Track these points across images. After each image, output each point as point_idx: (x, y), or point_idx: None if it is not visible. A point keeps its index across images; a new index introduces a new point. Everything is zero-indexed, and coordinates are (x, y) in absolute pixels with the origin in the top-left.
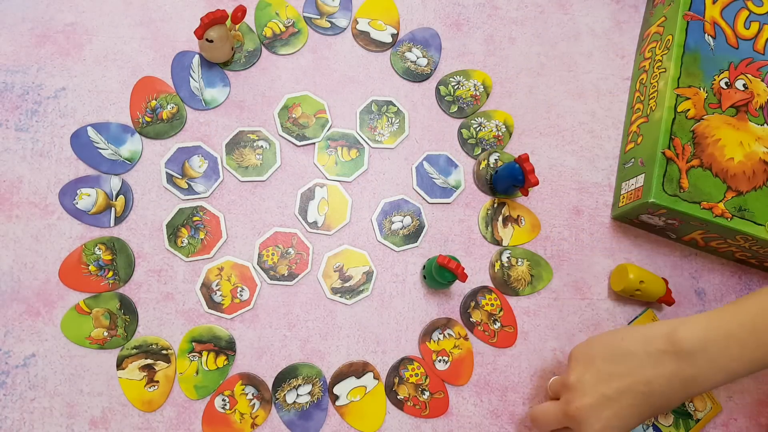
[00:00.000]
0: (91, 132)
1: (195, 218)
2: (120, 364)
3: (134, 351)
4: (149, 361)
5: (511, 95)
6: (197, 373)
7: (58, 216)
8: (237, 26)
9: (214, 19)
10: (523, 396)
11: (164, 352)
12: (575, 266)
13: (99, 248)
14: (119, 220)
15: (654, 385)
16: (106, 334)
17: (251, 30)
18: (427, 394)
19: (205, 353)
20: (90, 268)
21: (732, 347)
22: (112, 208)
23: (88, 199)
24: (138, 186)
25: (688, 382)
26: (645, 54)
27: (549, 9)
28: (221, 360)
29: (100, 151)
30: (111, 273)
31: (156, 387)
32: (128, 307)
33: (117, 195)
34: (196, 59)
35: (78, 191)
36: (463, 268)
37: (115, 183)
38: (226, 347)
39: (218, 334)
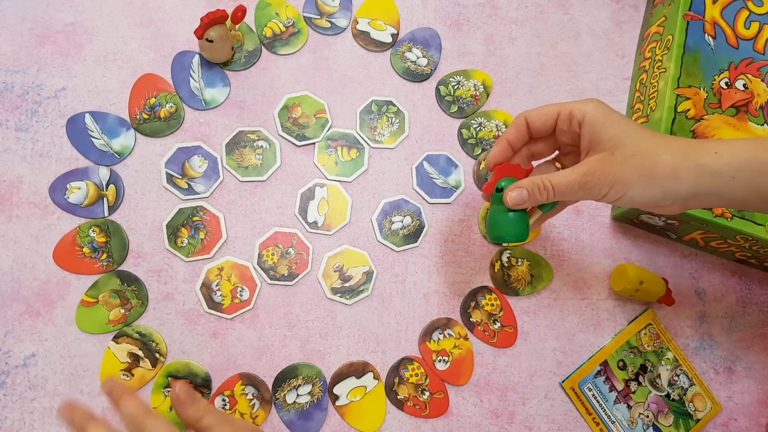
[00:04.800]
0: (88, 119)
1: (195, 218)
2: (118, 338)
3: (136, 335)
4: (140, 353)
5: (511, 95)
6: (171, 409)
7: (58, 216)
8: (237, 26)
9: (214, 19)
10: (523, 396)
11: (157, 355)
12: (575, 266)
13: (93, 230)
14: (113, 209)
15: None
16: (122, 311)
17: (251, 30)
18: (427, 394)
19: None
20: (84, 250)
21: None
22: (104, 198)
23: (78, 192)
24: (131, 180)
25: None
26: (645, 54)
27: (549, 9)
28: None
29: (93, 140)
30: (105, 255)
31: (128, 378)
32: (128, 278)
33: (107, 185)
34: (196, 59)
35: (68, 185)
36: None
37: (103, 173)
38: (201, 384)
39: (195, 371)
